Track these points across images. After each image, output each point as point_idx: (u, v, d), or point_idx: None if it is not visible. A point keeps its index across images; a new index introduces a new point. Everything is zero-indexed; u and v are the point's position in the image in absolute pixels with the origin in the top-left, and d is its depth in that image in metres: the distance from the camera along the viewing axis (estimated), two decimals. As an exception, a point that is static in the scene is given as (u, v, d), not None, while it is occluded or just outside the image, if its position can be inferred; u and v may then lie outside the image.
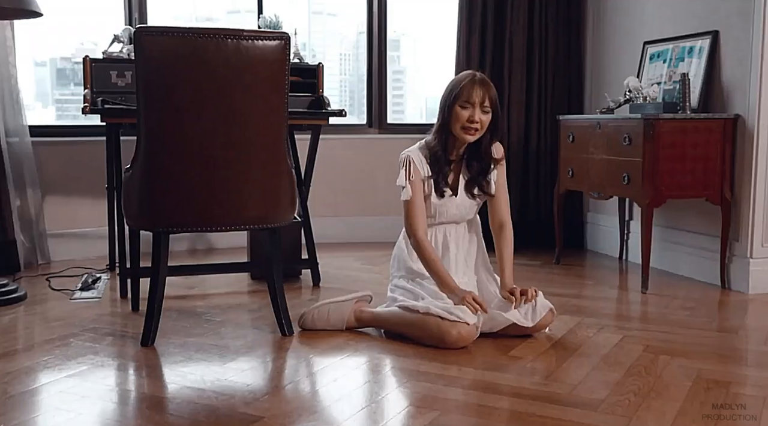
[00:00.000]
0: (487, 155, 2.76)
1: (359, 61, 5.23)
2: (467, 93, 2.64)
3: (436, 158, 2.74)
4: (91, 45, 4.55)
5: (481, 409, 2.05)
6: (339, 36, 5.38)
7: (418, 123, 4.90)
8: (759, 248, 3.36)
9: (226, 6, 5.09)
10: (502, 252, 2.81)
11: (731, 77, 3.46)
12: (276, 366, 2.44)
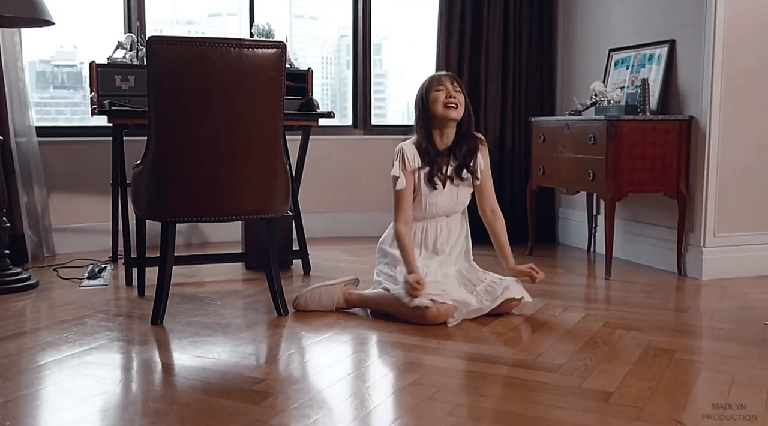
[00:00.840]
0: (470, 135, 3.03)
1: (341, 65, 5.47)
2: (437, 80, 2.99)
3: (426, 151, 3.00)
4: (71, 48, 4.72)
5: (458, 372, 2.35)
6: (321, 39, 5.50)
7: (401, 124, 5.20)
8: (711, 238, 3.69)
9: (208, 9, 5.20)
10: (499, 237, 3.10)
11: (686, 82, 3.79)
12: (274, 340, 2.72)
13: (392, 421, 1.97)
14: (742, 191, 3.71)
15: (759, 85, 3.67)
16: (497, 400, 2.13)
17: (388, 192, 5.03)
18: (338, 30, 5.45)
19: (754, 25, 3.63)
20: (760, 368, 2.37)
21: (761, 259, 3.75)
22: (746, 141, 3.69)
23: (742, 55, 3.62)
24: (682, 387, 2.21)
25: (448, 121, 2.98)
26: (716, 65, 3.60)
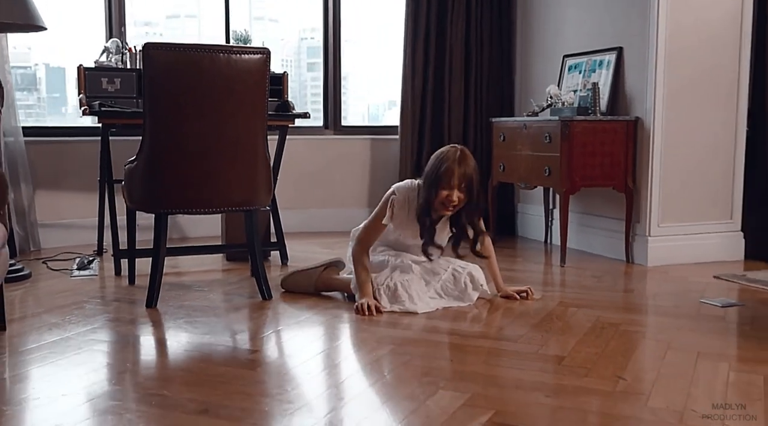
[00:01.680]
0: (460, 224, 3.16)
1: (301, 67, 5.64)
2: (448, 178, 2.99)
3: (421, 221, 3.10)
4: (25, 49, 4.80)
5: (428, 343, 2.64)
6: (281, 42, 5.53)
7: (371, 125, 5.49)
8: (655, 228, 4.04)
9: (165, 11, 5.26)
10: (492, 267, 3.29)
11: (633, 86, 4.14)
12: (261, 319, 2.98)
13: (376, 380, 2.25)
14: (683, 185, 4.07)
15: (698, 89, 4.03)
16: (464, 363, 2.43)
17: (358, 189, 5.35)
18: (298, 32, 5.57)
19: (693, 35, 3.99)
20: (692, 337, 2.71)
21: (700, 247, 4.12)
22: (687, 139, 4.05)
23: (682, 62, 3.98)
24: (625, 352, 2.53)
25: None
26: (659, 71, 3.95)
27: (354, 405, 2.07)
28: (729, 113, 4.10)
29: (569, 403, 2.04)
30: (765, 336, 2.73)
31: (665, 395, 2.10)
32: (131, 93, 4.08)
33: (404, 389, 2.15)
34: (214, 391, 2.13)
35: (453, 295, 3.18)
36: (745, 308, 3.14)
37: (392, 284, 3.06)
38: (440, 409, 1.98)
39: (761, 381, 2.22)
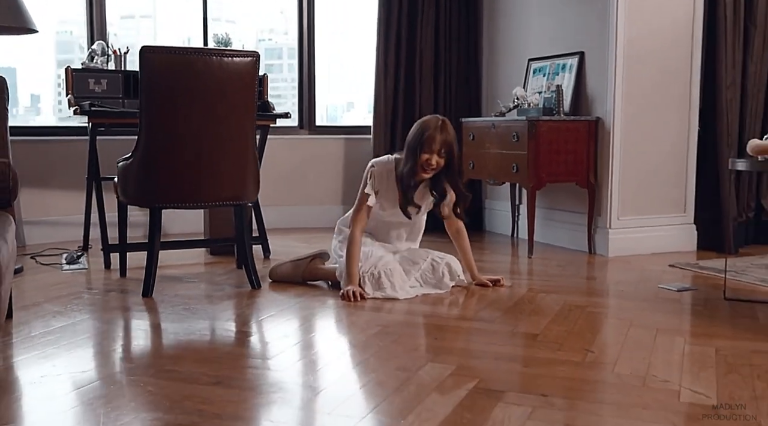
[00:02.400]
0: (440, 188, 3.40)
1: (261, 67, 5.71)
2: (430, 143, 3.23)
3: (403, 179, 3.34)
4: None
5: (412, 325, 2.87)
6: (238, 43, 5.43)
7: (344, 125, 5.71)
8: (615, 221, 4.32)
9: (121, 11, 5.26)
10: (465, 253, 3.52)
11: (594, 88, 4.42)
12: (254, 306, 3.17)
13: (369, 355, 2.47)
14: (640, 181, 4.36)
15: (653, 91, 4.33)
16: (447, 341, 2.66)
17: (332, 187, 5.56)
18: (255, 34, 5.65)
19: (649, 41, 4.28)
20: (652, 316, 2.97)
21: (656, 238, 4.41)
22: (643, 138, 4.34)
23: (639, 66, 4.27)
24: (592, 329, 2.79)
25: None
26: (618, 74, 4.23)
27: (355, 373, 2.29)
28: (682, 113, 4.41)
29: (545, 372, 2.28)
30: (716, 315, 3.01)
31: (629, 364, 2.36)
32: (117, 94, 4.24)
33: (396, 362, 2.37)
34: (222, 366, 2.33)
35: (431, 283, 3.41)
36: (698, 292, 3.42)
37: (376, 273, 3.27)
38: (431, 378, 2.21)
39: (713, 352, 2.49)
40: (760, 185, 4.69)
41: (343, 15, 5.76)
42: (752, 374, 2.26)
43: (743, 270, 3.86)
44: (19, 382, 2.18)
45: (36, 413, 1.95)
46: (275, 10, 5.90)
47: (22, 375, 2.24)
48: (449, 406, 1.98)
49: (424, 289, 3.38)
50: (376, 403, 2.02)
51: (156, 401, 2.01)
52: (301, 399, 2.08)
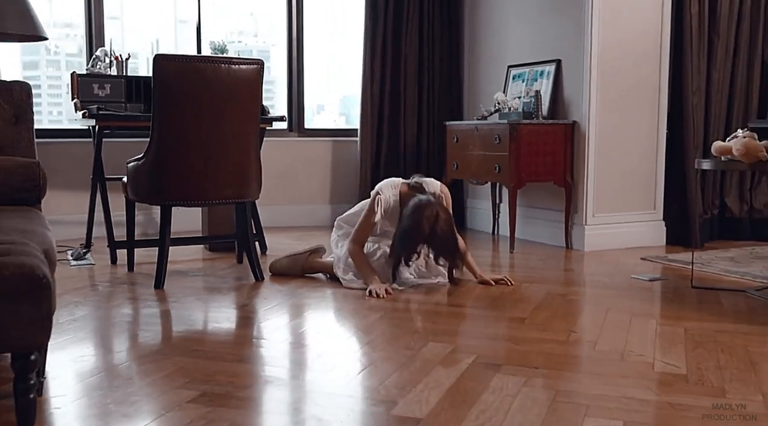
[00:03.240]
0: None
1: None
2: (418, 243, 3.38)
3: (396, 262, 3.45)
4: None
5: (411, 311, 3.13)
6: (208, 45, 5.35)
7: (332, 128, 5.95)
8: (591, 218, 4.62)
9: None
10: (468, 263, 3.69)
11: (570, 93, 4.72)
12: (261, 295, 3.41)
13: (374, 337, 2.72)
14: (614, 180, 4.66)
15: (625, 96, 4.63)
16: (444, 325, 2.92)
17: (321, 187, 5.78)
18: (225, 36, 5.62)
19: (622, 50, 4.58)
20: (626, 303, 3.26)
21: (629, 234, 4.72)
22: (617, 140, 4.64)
23: (612, 73, 4.57)
24: (574, 314, 3.07)
25: None
26: (593, 80, 4.53)
27: (364, 351, 2.54)
28: (651, 118, 4.72)
29: (534, 349, 2.55)
30: (684, 301, 3.31)
31: (608, 342, 2.64)
32: (120, 98, 4.43)
33: (400, 342, 2.63)
34: (242, 346, 2.57)
35: (425, 275, 3.68)
36: (667, 281, 3.73)
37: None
38: (433, 354, 2.47)
39: (682, 331, 2.78)
40: (723, 185, 5.03)
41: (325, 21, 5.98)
42: (716, 349, 2.56)
43: (708, 262, 4.18)
44: (63, 361, 2.40)
45: (84, 387, 2.17)
46: (245, 11, 6.01)
47: (63, 355, 2.46)
48: (453, 377, 2.24)
49: (418, 280, 3.64)
50: (388, 375, 2.27)
51: (190, 376, 2.24)
52: (319, 373, 2.33)
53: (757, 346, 2.60)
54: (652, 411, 2.01)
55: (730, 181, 5.03)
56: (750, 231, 5.00)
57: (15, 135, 2.95)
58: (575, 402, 2.06)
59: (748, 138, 3.22)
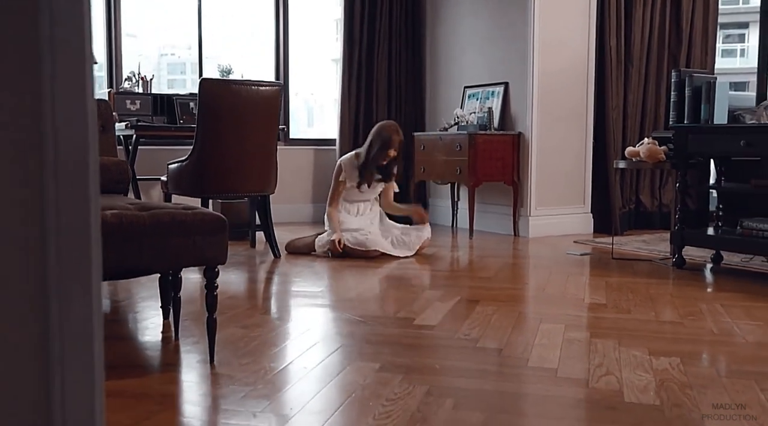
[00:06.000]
0: (389, 173, 4.83)
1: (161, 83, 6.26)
2: (393, 143, 4.72)
3: (366, 171, 4.74)
4: None
5: (399, 277, 4.14)
6: (138, 57, 5.91)
7: (315, 138, 6.93)
8: (534, 211, 5.71)
9: None
10: (394, 207, 4.92)
11: (516, 110, 5.81)
12: (277, 268, 4.36)
13: (382, 290, 3.71)
14: (551, 180, 5.76)
15: (560, 112, 5.74)
16: (432, 282, 3.93)
17: (304, 189, 6.71)
18: (157, 48, 6.28)
19: (557, 75, 5.69)
20: (564, 268, 4.32)
21: (564, 223, 5.82)
22: (553, 147, 5.75)
23: (550, 94, 5.68)
24: (525, 275, 4.13)
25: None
26: (534, 99, 5.63)
27: (379, 294, 3.53)
28: (581, 129, 5.84)
29: (500, 293, 3.59)
30: (606, 267, 4.39)
31: (553, 288, 3.69)
32: (148, 112, 5.33)
33: (403, 292, 3.64)
34: (285, 301, 3.53)
35: (401, 246, 4.70)
36: (593, 255, 4.82)
37: (360, 237, 4.58)
38: (430, 297, 3.48)
39: (604, 283, 3.85)
40: (638, 184, 6.19)
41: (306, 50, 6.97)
42: (627, 291, 3.64)
43: (626, 243, 5.30)
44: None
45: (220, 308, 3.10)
46: (177, 23, 6.68)
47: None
48: (447, 308, 3.25)
49: (396, 251, 4.65)
50: (400, 308, 3.26)
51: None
52: (350, 302, 3.31)
53: (655, 289, 3.69)
54: (584, 321, 3.06)
55: (644, 182, 6.20)
56: (659, 222, 6.16)
57: (103, 141, 3.85)
58: (532, 317, 3.10)
59: (651, 144, 4.34)
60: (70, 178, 1.25)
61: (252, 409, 2.02)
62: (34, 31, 1.19)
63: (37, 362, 1.28)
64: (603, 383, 2.23)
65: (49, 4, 1.17)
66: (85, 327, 1.32)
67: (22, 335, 1.27)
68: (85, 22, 1.22)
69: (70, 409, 1.30)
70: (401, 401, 2.07)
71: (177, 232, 2.30)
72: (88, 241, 1.31)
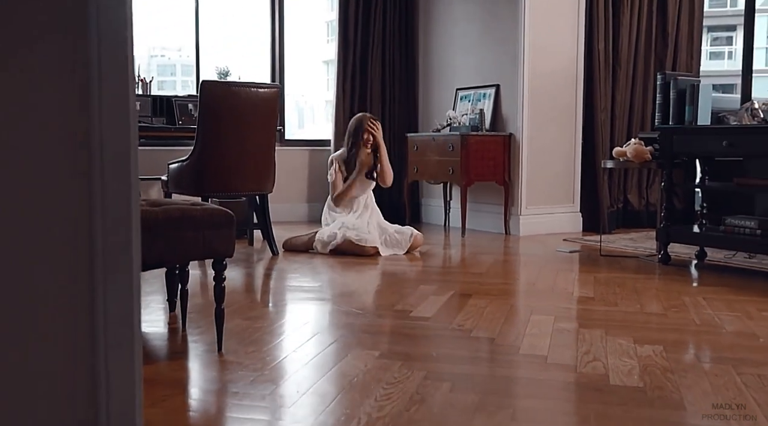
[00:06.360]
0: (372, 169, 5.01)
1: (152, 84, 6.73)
2: (364, 127, 4.96)
3: (352, 153, 4.97)
4: None
5: (393, 273, 4.27)
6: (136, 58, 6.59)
7: (308, 139, 7.06)
8: (524, 209, 5.86)
9: None
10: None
11: (507, 111, 5.96)
12: (276, 265, 4.48)
13: (378, 285, 3.84)
14: (541, 179, 5.90)
15: (550, 113, 5.89)
16: (426, 277, 4.07)
17: (299, 188, 6.83)
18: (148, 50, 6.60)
19: (547, 77, 5.84)
20: (554, 265, 4.46)
21: (553, 222, 5.97)
22: (543, 148, 5.89)
23: (540, 96, 5.82)
24: (517, 270, 4.27)
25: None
26: (525, 101, 5.78)
27: (376, 288, 3.66)
28: (570, 130, 5.99)
29: (492, 287, 3.73)
30: (595, 263, 4.54)
31: (543, 283, 3.83)
32: (147, 113, 5.44)
33: (399, 286, 3.77)
34: (285, 296, 3.66)
35: (394, 246, 4.83)
36: (582, 253, 4.97)
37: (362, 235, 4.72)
38: (425, 291, 3.61)
39: (592, 278, 4.00)
40: (626, 184, 6.34)
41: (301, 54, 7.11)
42: (614, 285, 3.78)
43: (613, 241, 5.45)
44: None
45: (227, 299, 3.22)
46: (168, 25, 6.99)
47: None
48: (442, 301, 3.39)
49: (389, 250, 4.79)
50: (396, 301, 3.39)
51: (269, 301, 3.33)
52: (348, 296, 3.44)
53: (641, 284, 3.84)
54: (573, 312, 3.21)
55: (631, 181, 6.35)
56: (646, 220, 6.32)
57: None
58: (523, 309, 3.24)
59: (637, 144, 4.49)
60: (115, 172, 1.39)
61: (261, 392, 2.15)
62: (84, 42, 1.32)
63: (86, 348, 1.40)
64: (590, 368, 2.37)
65: (97, 21, 1.30)
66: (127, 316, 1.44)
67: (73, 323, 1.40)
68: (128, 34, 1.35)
69: (114, 390, 1.42)
70: (401, 384, 2.20)
71: (187, 226, 2.43)
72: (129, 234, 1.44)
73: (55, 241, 1.39)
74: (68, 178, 1.40)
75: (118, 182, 1.39)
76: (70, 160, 1.39)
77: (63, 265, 1.40)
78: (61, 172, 1.39)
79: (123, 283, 1.42)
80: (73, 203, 1.40)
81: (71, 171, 1.40)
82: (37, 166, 1.36)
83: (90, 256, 1.42)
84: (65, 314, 1.42)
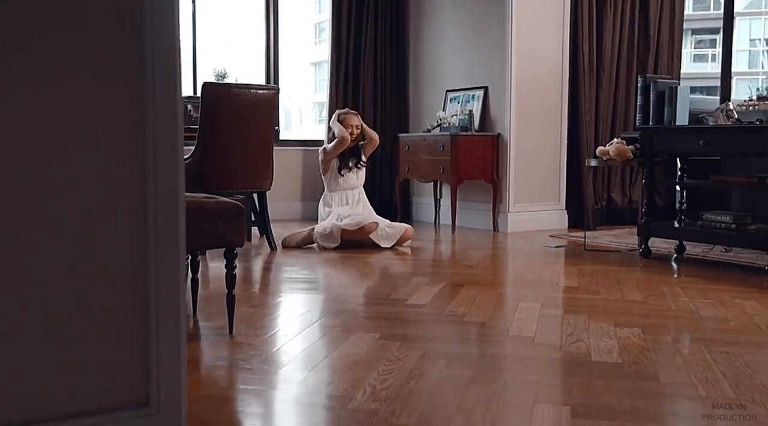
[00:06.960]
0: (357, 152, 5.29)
1: None
2: (345, 114, 5.28)
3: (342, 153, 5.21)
4: None
5: (388, 266, 4.47)
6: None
7: (302, 139, 7.25)
8: (512, 207, 6.07)
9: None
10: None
11: (495, 112, 6.17)
12: (275, 259, 4.67)
13: (373, 277, 4.04)
14: (528, 178, 6.12)
15: (537, 115, 6.10)
16: (419, 270, 4.27)
17: (293, 186, 7.01)
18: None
19: (534, 80, 6.06)
20: (541, 258, 4.68)
21: (540, 219, 6.18)
22: (530, 148, 6.11)
23: (527, 97, 6.04)
24: (505, 264, 4.48)
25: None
26: (512, 102, 5.99)
27: (371, 280, 3.86)
28: (556, 130, 6.21)
29: (483, 278, 3.94)
30: (579, 257, 4.75)
31: (531, 275, 4.04)
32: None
33: (394, 278, 3.97)
34: (287, 287, 3.85)
35: (385, 238, 5.04)
36: (568, 248, 5.19)
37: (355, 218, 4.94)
38: (419, 282, 3.81)
39: (577, 270, 4.21)
40: (610, 182, 6.57)
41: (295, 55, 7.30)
42: (598, 277, 4.00)
43: (597, 237, 5.68)
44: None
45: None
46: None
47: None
48: (435, 291, 3.59)
49: (382, 242, 4.99)
50: (391, 291, 3.59)
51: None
52: (346, 288, 3.64)
53: (623, 275, 4.06)
54: (558, 300, 3.42)
55: (615, 180, 6.58)
56: (629, 218, 6.54)
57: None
58: (512, 298, 3.45)
59: (619, 143, 4.71)
60: (164, 164, 1.59)
61: (273, 368, 2.34)
62: (140, 44, 1.53)
63: (139, 328, 1.61)
64: (574, 348, 2.58)
65: (151, 29, 1.50)
66: (175, 297, 1.65)
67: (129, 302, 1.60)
68: (176, 40, 1.55)
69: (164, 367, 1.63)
70: (400, 362, 2.40)
71: (202, 218, 2.62)
72: (177, 219, 1.64)
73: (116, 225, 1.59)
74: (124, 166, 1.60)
75: (168, 172, 1.59)
76: (128, 150, 1.59)
77: (122, 245, 1.60)
78: (118, 160, 1.59)
79: (172, 264, 1.62)
80: (129, 188, 1.60)
81: (128, 160, 1.61)
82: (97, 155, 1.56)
83: (145, 237, 1.61)
84: (125, 290, 1.61)
